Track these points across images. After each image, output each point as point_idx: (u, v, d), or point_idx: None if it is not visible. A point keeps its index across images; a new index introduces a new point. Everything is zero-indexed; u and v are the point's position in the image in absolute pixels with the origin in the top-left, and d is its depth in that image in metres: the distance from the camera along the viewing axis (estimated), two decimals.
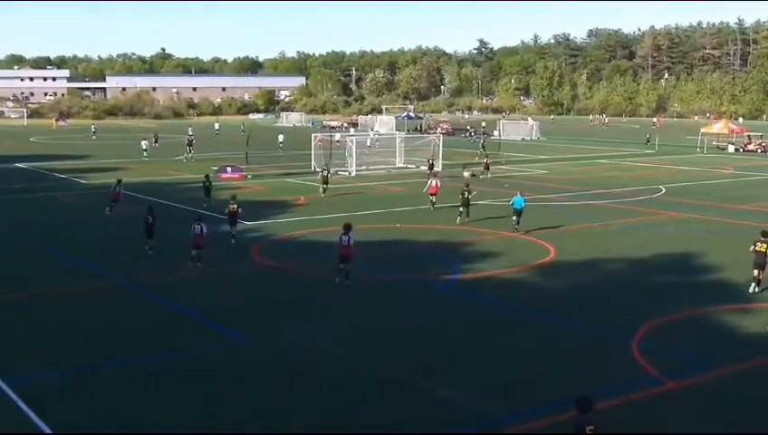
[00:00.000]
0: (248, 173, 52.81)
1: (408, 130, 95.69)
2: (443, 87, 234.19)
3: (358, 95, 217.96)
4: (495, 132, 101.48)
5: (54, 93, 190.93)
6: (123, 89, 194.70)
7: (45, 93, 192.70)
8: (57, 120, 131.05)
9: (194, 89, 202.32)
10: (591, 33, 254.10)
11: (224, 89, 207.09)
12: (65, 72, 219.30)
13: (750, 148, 79.56)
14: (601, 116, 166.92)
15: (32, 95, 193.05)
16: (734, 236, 32.15)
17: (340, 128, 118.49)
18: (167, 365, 16.82)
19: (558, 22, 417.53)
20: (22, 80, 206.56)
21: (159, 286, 23.37)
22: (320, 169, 47.12)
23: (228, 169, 52.64)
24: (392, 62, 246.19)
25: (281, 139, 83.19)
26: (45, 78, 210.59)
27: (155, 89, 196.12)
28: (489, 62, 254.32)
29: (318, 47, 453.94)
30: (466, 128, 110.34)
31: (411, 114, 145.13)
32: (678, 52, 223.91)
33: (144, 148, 69.58)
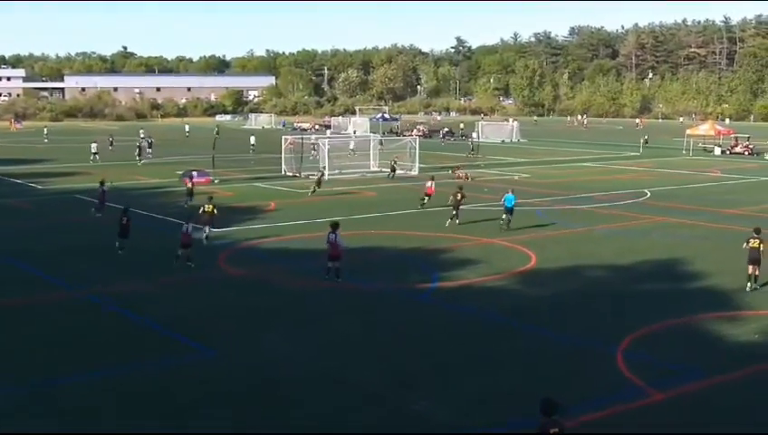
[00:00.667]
0: (215, 178, 52.59)
1: (384, 133, 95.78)
2: (419, 87, 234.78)
3: (330, 96, 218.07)
4: (474, 134, 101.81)
5: (9, 94, 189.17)
6: (83, 89, 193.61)
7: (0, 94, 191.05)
8: (14, 122, 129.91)
9: (157, 89, 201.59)
10: (573, 32, 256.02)
11: (189, 89, 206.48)
12: (21, 72, 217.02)
13: (737, 150, 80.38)
14: (580, 117, 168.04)
15: None
16: (721, 241, 32.45)
17: (312, 130, 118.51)
18: (128, 380, 16.67)
19: (539, 19, 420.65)
20: None
21: (121, 297, 23.18)
22: (318, 172, 49.38)
23: (194, 174, 52.33)
24: (366, 61, 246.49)
25: (252, 140, 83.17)
26: None
27: (116, 89, 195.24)
28: (467, 61, 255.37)
29: (288, 45, 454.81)
30: (444, 129, 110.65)
31: (386, 115, 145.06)
32: (663, 50, 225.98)
33: (94, 151, 68.29)
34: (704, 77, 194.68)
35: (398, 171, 55.96)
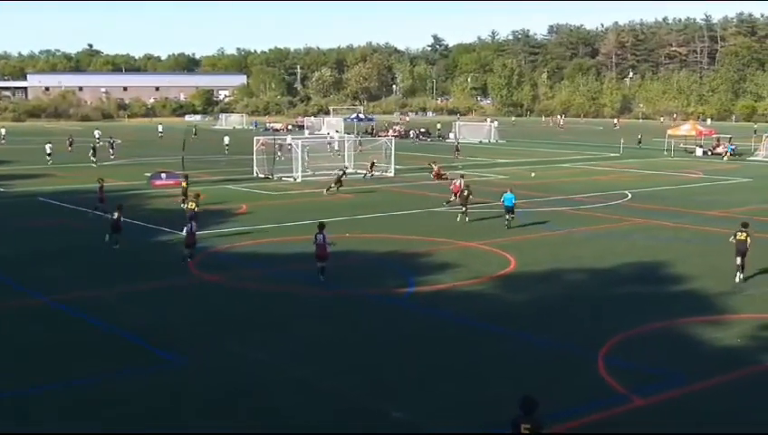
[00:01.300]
0: (184, 179, 52.28)
1: (358, 133, 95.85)
2: (395, 86, 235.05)
3: (303, 95, 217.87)
4: (451, 135, 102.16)
5: None
6: (46, 88, 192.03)
7: None
8: None
9: (124, 88, 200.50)
10: (552, 30, 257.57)
11: (157, 88, 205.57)
12: None
13: (719, 151, 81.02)
14: (557, 117, 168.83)
15: None
16: (704, 243, 32.75)
17: (284, 130, 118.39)
18: (98, 390, 16.57)
19: (517, 17, 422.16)
20: None
21: (89, 304, 23.04)
22: (339, 171, 49.91)
23: (163, 176, 52.13)
24: (340, 59, 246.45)
25: (226, 141, 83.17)
26: None
27: (81, 88, 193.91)
28: (444, 59, 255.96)
29: (260, 43, 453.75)
30: (420, 129, 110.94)
31: (361, 116, 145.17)
32: (643, 49, 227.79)
33: (48, 152, 67.90)
34: (685, 76, 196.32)
35: (374, 173, 56.06)
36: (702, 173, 61.87)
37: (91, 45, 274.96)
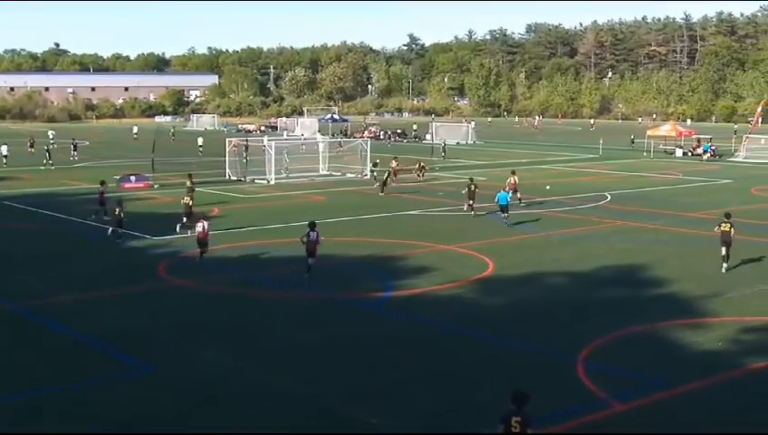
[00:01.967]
0: (154, 182, 52.08)
1: (333, 134, 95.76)
2: (370, 87, 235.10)
3: (276, 96, 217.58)
4: (428, 136, 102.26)
5: None
6: (11, 88, 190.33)
7: None
8: None
9: (92, 89, 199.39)
10: (530, 29, 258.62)
11: (126, 89, 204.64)
12: None
13: (699, 151, 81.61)
14: (533, 118, 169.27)
15: None
16: (684, 245, 32.97)
17: (257, 132, 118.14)
18: (64, 400, 16.41)
19: (494, 16, 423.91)
20: None
21: (55, 311, 22.85)
22: (386, 172, 51.07)
23: (132, 178, 51.84)
24: (314, 59, 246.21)
25: (200, 142, 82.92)
26: None
27: (48, 89, 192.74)
28: (420, 59, 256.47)
29: (232, 43, 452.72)
30: (398, 130, 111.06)
31: (336, 116, 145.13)
32: (623, 49, 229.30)
33: (5, 154, 67.34)
34: (664, 76, 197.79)
35: (349, 175, 56.08)
36: (681, 174, 62.28)
37: (57, 44, 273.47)
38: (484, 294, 25.01)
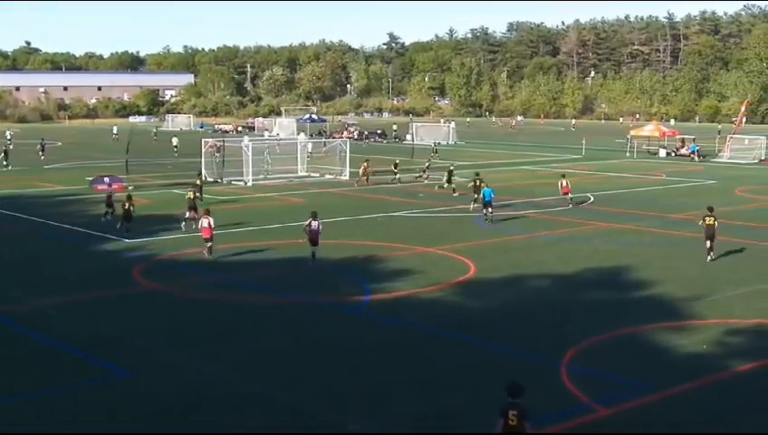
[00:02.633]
0: (128, 184, 51.81)
1: (312, 135, 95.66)
2: (349, 86, 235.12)
3: (254, 95, 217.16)
4: (408, 136, 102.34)
5: None
6: None
7: None
8: None
9: (65, 88, 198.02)
10: (512, 28, 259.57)
11: (99, 88, 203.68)
12: None
13: (682, 152, 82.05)
14: (511, 118, 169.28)
15: None
16: (668, 247, 33.14)
17: (234, 132, 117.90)
18: (36, 407, 16.31)
19: (475, 14, 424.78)
20: None
21: (28, 316, 22.71)
22: (447, 171, 51.14)
23: (105, 180, 51.52)
24: (292, 58, 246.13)
25: (175, 141, 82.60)
26: None
27: (18, 88, 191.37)
28: (400, 58, 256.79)
29: (208, 41, 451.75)
30: (377, 131, 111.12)
31: (314, 116, 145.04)
32: (605, 48, 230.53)
33: None
34: (647, 76, 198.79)
35: (327, 176, 56.02)
36: (665, 175, 62.59)
37: (28, 43, 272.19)
38: (466, 297, 25.05)
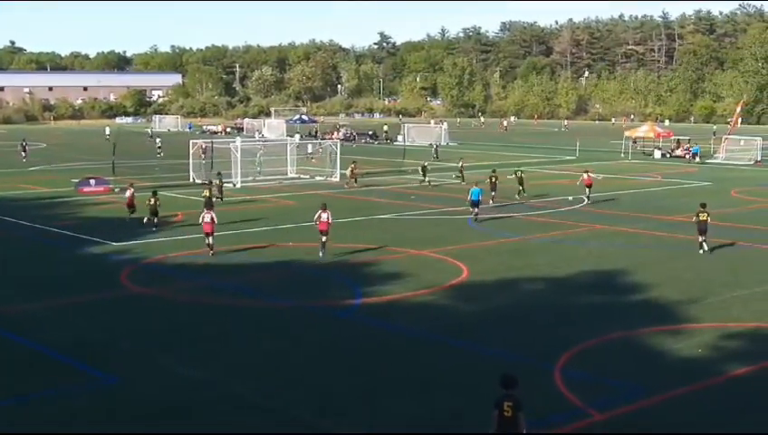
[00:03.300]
0: (115, 186, 51.69)
1: (302, 136, 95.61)
2: (340, 86, 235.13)
3: (243, 96, 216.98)
4: (399, 137, 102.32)
5: None
6: None
7: None
8: None
9: (50, 88, 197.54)
10: (504, 27, 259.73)
11: (85, 88, 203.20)
12: None
13: (678, 153, 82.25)
14: (503, 119, 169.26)
15: None
16: (663, 250, 33.21)
17: (223, 133, 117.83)
18: (20, 412, 16.27)
19: (467, 14, 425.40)
20: None
21: (13, 320, 22.65)
22: (517, 171, 50.93)
23: (91, 182, 51.43)
24: (282, 57, 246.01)
25: (158, 142, 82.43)
26: None
27: (3, 88, 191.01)
28: (391, 58, 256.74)
29: (196, 41, 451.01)
30: (368, 132, 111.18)
31: (304, 117, 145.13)
32: (599, 48, 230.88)
33: None
34: (642, 76, 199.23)
35: (318, 178, 55.98)
36: (660, 176, 62.74)
37: (13, 42, 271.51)
38: (458, 301, 25.07)
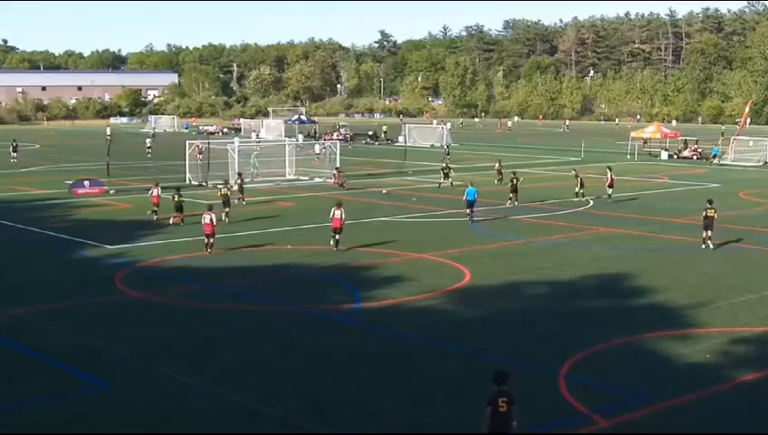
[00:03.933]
0: (110, 187, 51.71)
1: (305, 136, 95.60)
2: (339, 86, 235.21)
3: (240, 95, 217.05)
4: (400, 138, 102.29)
5: None
6: None
7: None
8: None
9: (43, 88, 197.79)
10: (508, 25, 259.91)
11: (79, 88, 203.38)
12: None
13: (685, 154, 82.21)
14: (506, 120, 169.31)
15: None
16: (669, 253, 33.20)
17: (219, 133, 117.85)
18: (12, 419, 16.27)
19: (470, 12, 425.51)
20: None
21: (5, 325, 22.59)
22: (574, 172, 51.62)
23: (86, 184, 51.41)
24: (280, 56, 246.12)
25: (148, 142, 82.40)
26: None
27: None
28: (392, 57, 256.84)
29: (192, 39, 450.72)
30: (368, 133, 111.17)
31: (303, 117, 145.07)
32: (605, 46, 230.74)
33: None
34: (649, 75, 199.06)
35: (317, 179, 55.98)
36: (667, 178, 62.72)
37: (5, 41, 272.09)
38: (461, 305, 25.05)
